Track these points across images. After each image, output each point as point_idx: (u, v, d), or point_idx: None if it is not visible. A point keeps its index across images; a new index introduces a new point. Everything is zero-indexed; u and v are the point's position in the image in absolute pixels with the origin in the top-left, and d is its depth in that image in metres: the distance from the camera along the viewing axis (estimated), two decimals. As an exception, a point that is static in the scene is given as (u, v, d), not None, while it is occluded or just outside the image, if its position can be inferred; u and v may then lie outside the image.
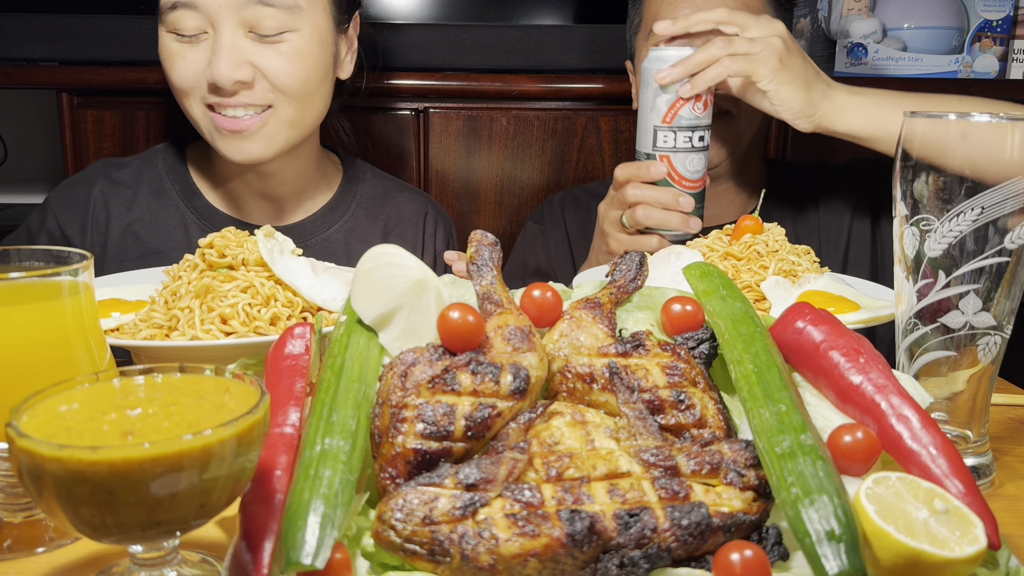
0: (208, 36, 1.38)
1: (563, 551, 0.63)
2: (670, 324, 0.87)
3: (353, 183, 1.67)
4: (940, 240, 0.86)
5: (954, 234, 0.86)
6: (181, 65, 1.40)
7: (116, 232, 1.54)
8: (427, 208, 1.72)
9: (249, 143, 1.41)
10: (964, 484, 0.71)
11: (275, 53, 1.39)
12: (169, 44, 1.40)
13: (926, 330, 0.90)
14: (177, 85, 1.42)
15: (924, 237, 0.88)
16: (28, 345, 0.76)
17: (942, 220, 0.86)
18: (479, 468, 0.67)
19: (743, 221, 1.31)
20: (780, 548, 0.68)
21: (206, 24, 1.37)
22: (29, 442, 0.58)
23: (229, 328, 1.08)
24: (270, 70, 1.39)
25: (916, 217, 0.89)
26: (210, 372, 0.69)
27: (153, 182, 1.57)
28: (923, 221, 0.88)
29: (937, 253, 0.87)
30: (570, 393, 0.79)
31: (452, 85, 1.99)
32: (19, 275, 0.76)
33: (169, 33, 1.39)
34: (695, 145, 1.36)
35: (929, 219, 0.87)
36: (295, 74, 1.40)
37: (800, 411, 0.72)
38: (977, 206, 0.84)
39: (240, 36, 1.37)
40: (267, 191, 1.56)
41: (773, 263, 1.24)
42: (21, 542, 0.80)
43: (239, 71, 1.36)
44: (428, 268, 0.83)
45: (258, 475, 0.67)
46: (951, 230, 0.85)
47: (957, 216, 0.85)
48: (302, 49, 1.41)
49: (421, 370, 0.74)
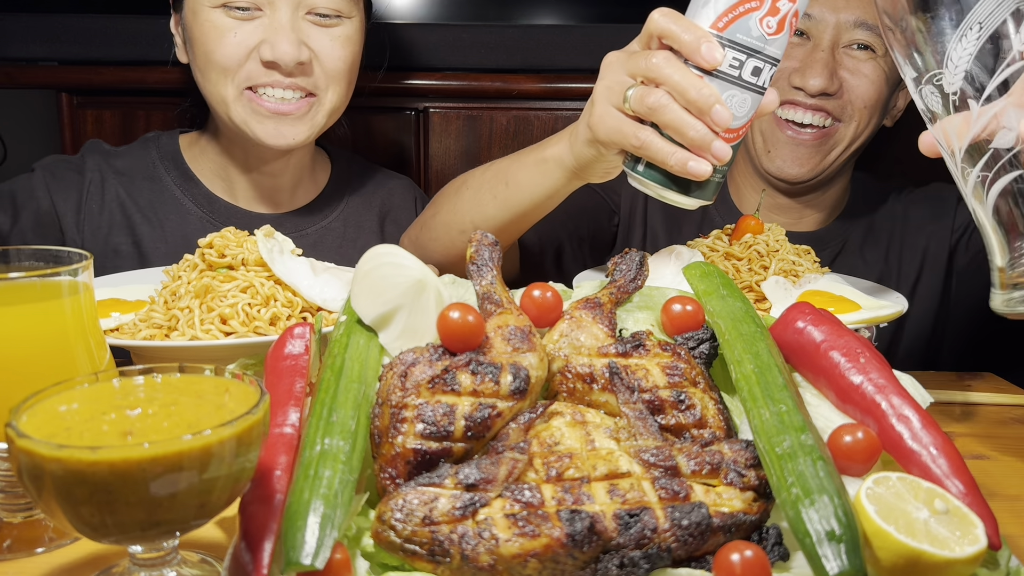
0: (262, 14, 1.36)
1: (563, 551, 0.63)
2: (670, 324, 0.87)
3: (345, 172, 1.68)
4: (954, 74, 0.82)
5: (964, 64, 0.81)
6: (231, 42, 1.36)
7: (110, 217, 1.52)
8: (415, 193, 1.74)
9: (293, 127, 1.41)
10: (964, 484, 0.71)
11: (329, 37, 1.39)
12: (218, 19, 1.36)
13: (982, 161, 0.83)
14: (221, 63, 1.37)
15: (941, 85, 0.84)
16: (28, 345, 0.76)
17: (947, 53, 0.82)
18: (479, 468, 0.67)
19: (744, 221, 1.31)
20: (780, 548, 0.68)
21: (264, 2, 1.35)
22: (29, 442, 0.58)
23: (229, 328, 1.08)
24: (324, 53, 1.39)
25: (929, 75, 0.85)
26: (210, 372, 0.69)
27: (147, 169, 1.56)
28: (936, 76, 0.84)
29: (956, 86, 0.83)
30: (570, 393, 0.79)
31: (452, 85, 1.99)
32: (19, 275, 0.76)
33: (217, 8, 1.36)
34: (745, 78, 0.95)
35: (938, 71, 0.84)
36: (345, 58, 1.41)
37: (800, 411, 0.72)
38: (974, 22, 0.81)
39: (299, 16, 1.37)
40: (266, 180, 1.56)
41: (773, 263, 1.24)
42: (21, 542, 0.80)
43: (301, 51, 1.35)
44: (428, 268, 0.83)
45: (258, 475, 0.67)
46: (960, 58, 0.81)
47: (960, 42, 0.82)
48: (352, 36, 1.42)
49: (421, 370, 0.74)
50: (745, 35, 0.94)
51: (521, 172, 1.21)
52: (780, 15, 0.94)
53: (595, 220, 1.61)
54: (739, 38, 0.94)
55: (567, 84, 2.00)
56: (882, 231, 1.62)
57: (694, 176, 0.96)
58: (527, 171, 1.20)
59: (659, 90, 0.95)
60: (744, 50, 0.94)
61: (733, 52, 0.94)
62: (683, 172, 0.96)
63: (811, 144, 1.48)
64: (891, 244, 1.61)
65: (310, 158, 1.62)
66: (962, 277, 1.59)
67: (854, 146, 1.52)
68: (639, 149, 0.98)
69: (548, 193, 1.19)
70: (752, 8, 0.93)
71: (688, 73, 0.94)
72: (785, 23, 0.94)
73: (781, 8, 0.94)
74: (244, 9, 1.35)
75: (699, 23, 0.94)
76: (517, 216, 1.24)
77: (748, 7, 0.93)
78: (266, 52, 1.35)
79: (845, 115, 1.48)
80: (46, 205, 1.50)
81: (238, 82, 1.38)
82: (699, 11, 0.95)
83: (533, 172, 1.19)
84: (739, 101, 0.96)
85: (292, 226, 1.56)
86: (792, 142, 1.49)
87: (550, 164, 1.16)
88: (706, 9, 0.95)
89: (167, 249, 1.51)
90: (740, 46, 0.94)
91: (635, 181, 1.02)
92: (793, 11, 0.95)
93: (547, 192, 1.19)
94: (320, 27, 1.39)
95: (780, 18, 0.94)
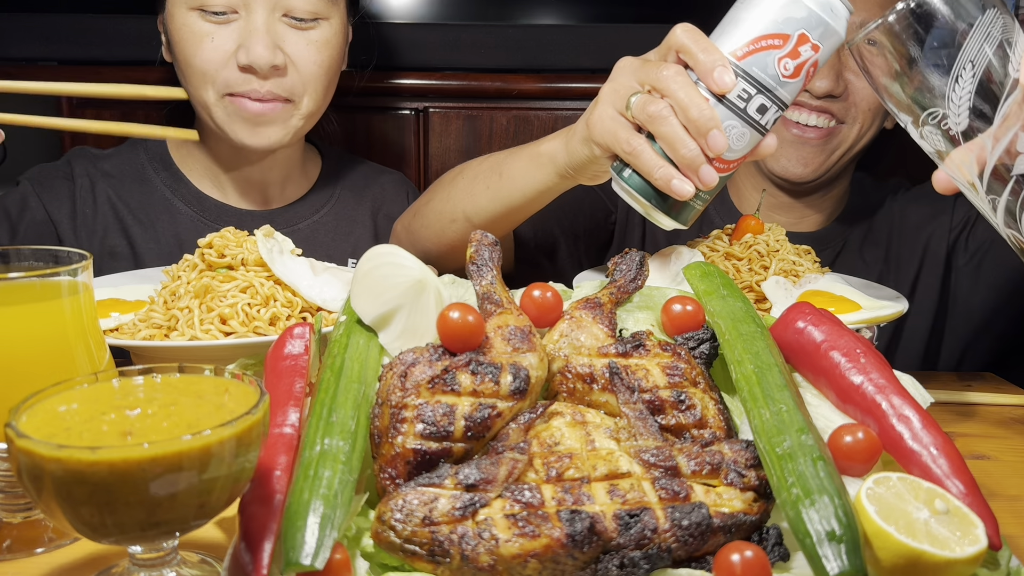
0: (238, 17, 1.35)
1: (563, 552, 0.63)
2: (670, 324, 0.86)
3: (335, 167, 1.68)
4: (958, 114, 0.83)
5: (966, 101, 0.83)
6: (208, 47, 1.35)
7: (104, 220, 1.52)
8: (407, 187, 1.74)
9: (269, 129, 1.41)
10: (964, 484, 0.71)
11: (305, 41, 1.39)
12: (194, 24, 1.35)
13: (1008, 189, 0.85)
14: (201, 68, 1.37)
15: (943, 124, 0.85)
16: (27, 345, 0.76)
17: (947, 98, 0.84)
18: (479, 468, 0.67)
19: (744, 221, 1.31)
20: (781, 549, 0.68)
21: (239, 5, 1.34)
22: (28, 442, 0.58)
23: (228, 328, 1.08)
24: (299, 57, 1.38)
25: (925, 114, 0.86)
26: (209, 372, 0.69)
27: (136, 171, 1.56)
28: (931, 115, 0.85)
29: (963, 125, 0.84)
30: (570, 393, 0.79)
31: (452, 85, 1.99)
32: (18, 275, 0.76)
33: (193, 12, 1.35)
34: (750, 112, 0.95)
35: (934, 110, 0.85)
36: (321, 63, 1.40)
37: (801, 411, 0.72)
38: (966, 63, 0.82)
39: (275, 19, 1.36)
40: (255, 177, 1.56)
41: (774, 263, 1.24)
42: (21, 542, 0.80)
43: (276, 55, 1.34)
44: (428, 268, 0.83)
45: (258, 475, 0.67)
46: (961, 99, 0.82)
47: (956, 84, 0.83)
48: (330, 39, 1.41)
49: (421, 370, 0.74)
50: (761, 70, 0.93)
51: (516, 165, 1.21)
52: (799, 60, 0.94)
53: (591, 218, 1.61)
54: (754, 71, 0.93)
55: (567, 84, 2.00)
56: (881, 231, 1.62)
57: (675, 195, 0.96)
58: (521, 164, 1.20)
59: (662, 101, 0.95)
60: (756, 84, 0.93)
61: (745, 83, 0.93)
62: (666, 188, 0.96)
63: (815, 143, 1.49)
64: (890, 244, 1.61)
65: (299, 153, 1.62)
66: (962, 275, 1.59)
67: (857, 147, 1.52)
68: (629, 155, 0.98)
69: (539, 188, 1.19)
70: (774, 46, 0.93)
71: (695, 92, 0.93)
72: (802, 70, 0.94)
73: (802, 54, 0.93)
74: (220, 13, 1.35)
75: (720, 46, 0.94)
76: (508, 209, 1.24)
77: (770, 44, 0.93)
78: (241, 56, 1.34)
79: (849, 117, 1.48)
80: (41, 215, 1.50)
81: (218, 87, 1.38)
82: (723, 35, 0.95)
83: (527, 166, 1.19)
84: (738, 134, 0.95)
85: (284, 221, 1.56)
86: (797, 141, 1.49)
87: (544, 159, 1.16)
88: (730, 35, 0.94)
89: (159, 250, 1.51)
90: (753, 79, 0.93)
91: (619, 187, 1.02)
92: (813, 60, 0.95)
93: (538, 187, 1.19)
94: (297, 30, 1.38)
95: (799, 63, 0.94)
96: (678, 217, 1.00)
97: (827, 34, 0.94)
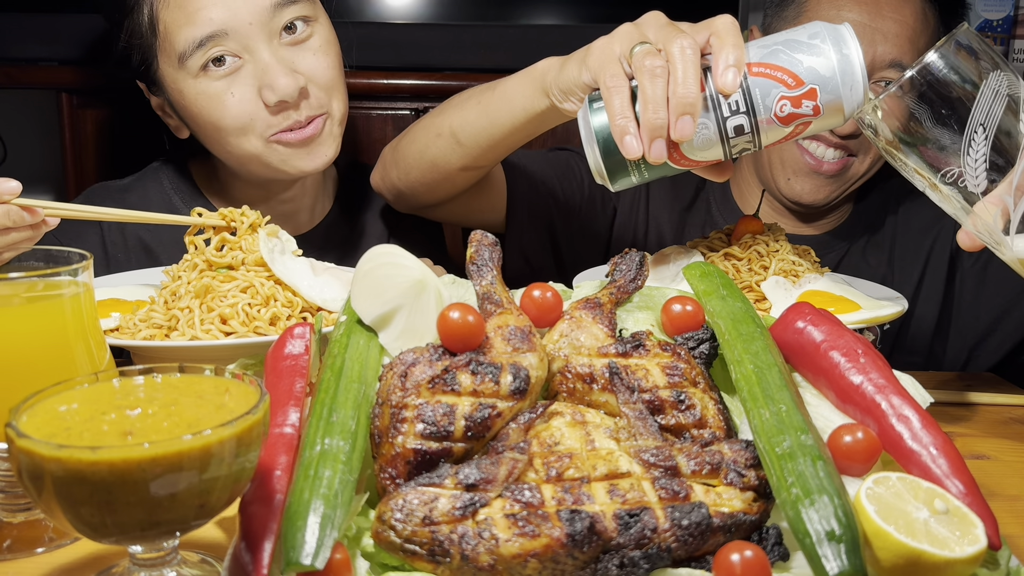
0: (243, 62, 1.33)
1: (563, 551, 0.63)
2: (670, 324, 0.87)
3: (352, 183, 1.67)
4: (976, 175, 0.84)
5: (982, 163, 0.83)
6: (232, 102, 1.33)
7: (138, 260, 1.51)
8: None
9: (321, 147, 1.40)
10: (964, 484, 0.71)
11: (309, 52, 1.38)
12: (208, 87, 1.33)
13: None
14: (234, 124, 1.34)
15: (961, 182, 0.86)
16: (28, 345, 0.76)
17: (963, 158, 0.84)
18: (479, 468, 0.67)
19: (744, 221, 1.31)
20: (780, 548, 0.68)
21: (240, 49, 1.33)
22: (29, 442, 0.58)
23: (229, 328, 1.08)
24: (313, 70, 1.37)
25: (940, 174, 0.86)
26: (210, 372, 0.69)
27: (161, 201, 1.54)
28: (948, 174, 0.86)
29: (983, 186, 0.85)
30: (570, 393, 0.79)
31: (452, 85, 1.99)
32: (19, 275, 0.76)
33: (201, 76, 1.33)
34: (727, 124, 0.94)
35: (950, 170, 0.85)
36: (331, 64, 1.40)
37: (800, 411, 0.72)
38: (976, 127, 0.83)
39: (276, 47, 1.36)
40: (286, 209, 1.55)
41: (773, 263, 1.24)
42: (21, 542, 0.80)
43: (296, 79, 1.33)
44: (428, 268, 0.83)
45: (258, 475, 0.67)
46: (976, 161, 0.83)
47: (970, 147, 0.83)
48: (328, 38, 1.42)
49: (421, 370, 0.74)
50: (761, 94, 0.93)
51: (511, 81, 1.22)
52: (797, 110, 0.93)
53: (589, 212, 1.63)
54: (755, 91, 0.93)
55: (567, 84, 2.00)
56: (885, 235, 1.63)
57: (623, 149, 0.95)
58: (516, 80, 1.21)
59: (663, 63, 0.94)
60: (748, 104, 0.93)
61: (739, 96, 0.93)
62: (618, 138, 0.95)
63: (831, 174, 1.51)
64: (894, 247, 1.62)
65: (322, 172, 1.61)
66: (967, 276, 1.59)
67: (868, 175, 1.55)
68: (607, 90, 0.97)
69: (525, 105, 1.19)
70: (785, 82, 0.92)
71: (694, 74, 0.92)
72: (793, 122, 0.94)
73: (802, 105, 0.93)
74: (223, 62, 1.32)
75: (749, 50, 0.94)
76: (493, 126, 1.24)
77: (782, 77, 0.92)
78: (268, 96, 1.32)
79: (861, 150, 1.50)
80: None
81: (260, 133, 1.36)
82: (756, 45, 0.95)
83: (521, 80, 1.20)
84: (705, 137, 0.94)
85: (319, 243, 1.54)
86: (812, 171, 1.51)
87: (536, 73, 1.17)
88: (763, 47, 0.94)
89: None
90: (749, 98, 0.93)
91: (583, 118, 1.01)
92: (806, 120, 0.94)
93: (524, 104, 1.19)
94: (297, 46, 1.37)
95: (794, 113, 0.93)
96: (611, 175, 0.99)
97: (833, 106, 0.93)
